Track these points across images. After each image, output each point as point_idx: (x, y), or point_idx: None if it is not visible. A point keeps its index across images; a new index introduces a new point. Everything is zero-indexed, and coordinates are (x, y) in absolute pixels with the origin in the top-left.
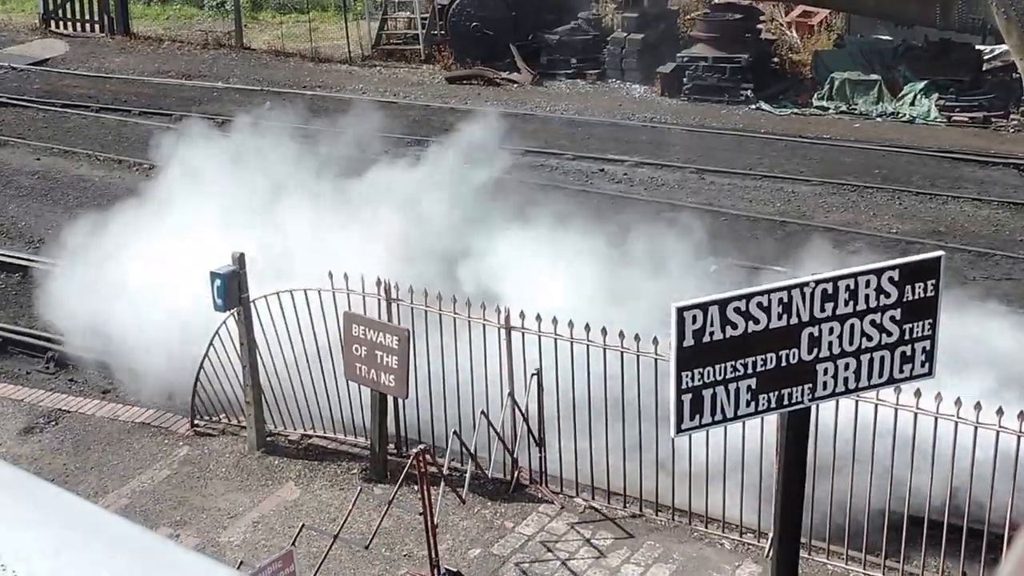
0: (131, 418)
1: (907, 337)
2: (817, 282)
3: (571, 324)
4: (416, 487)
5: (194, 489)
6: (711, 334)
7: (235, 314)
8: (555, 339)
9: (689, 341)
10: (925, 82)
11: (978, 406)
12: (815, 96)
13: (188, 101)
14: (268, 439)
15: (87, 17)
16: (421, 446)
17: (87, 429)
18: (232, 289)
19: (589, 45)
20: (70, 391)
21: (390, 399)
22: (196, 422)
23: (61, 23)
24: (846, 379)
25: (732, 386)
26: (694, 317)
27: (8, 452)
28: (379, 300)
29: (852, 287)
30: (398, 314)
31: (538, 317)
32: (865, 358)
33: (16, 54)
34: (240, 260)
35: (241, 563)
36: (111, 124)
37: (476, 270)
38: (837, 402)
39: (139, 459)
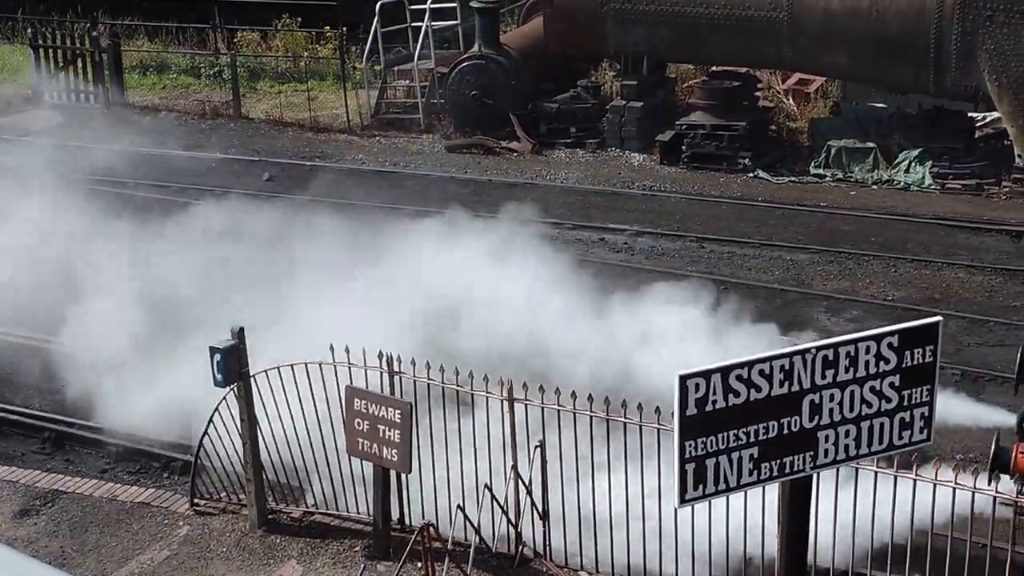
0: (130, 498)
1: (906, 404)
2: (818, 348)
3: (574, 395)
4: (420, 564)
5: (195, 570)
6: (714, 403)
7: (235, 389)
8: (558, 411)
9: (692, 410)
10: (919, 149)
11: None
12: (812, 164)
13: (185, 173)
14: (269, 517)
15: (81, 87)
16: (425, 522)
17: (84, 510)
18: (232, 364)
19: (588, 113)
20: (67, 471)
21: (392, 474)
22: (196, 501)
23: (55, 93)
24: (846, 446)
25: (735, 455)
26: (697, 385)
27: (3, 535)
28: (381, 373)
29: (852, 353)
30: (400, 387)
31: (540, 389)
32: (865, 425)
33: (7, 125)
34: (239, 335)
35: None
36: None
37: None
38: None
39: (138, 540)
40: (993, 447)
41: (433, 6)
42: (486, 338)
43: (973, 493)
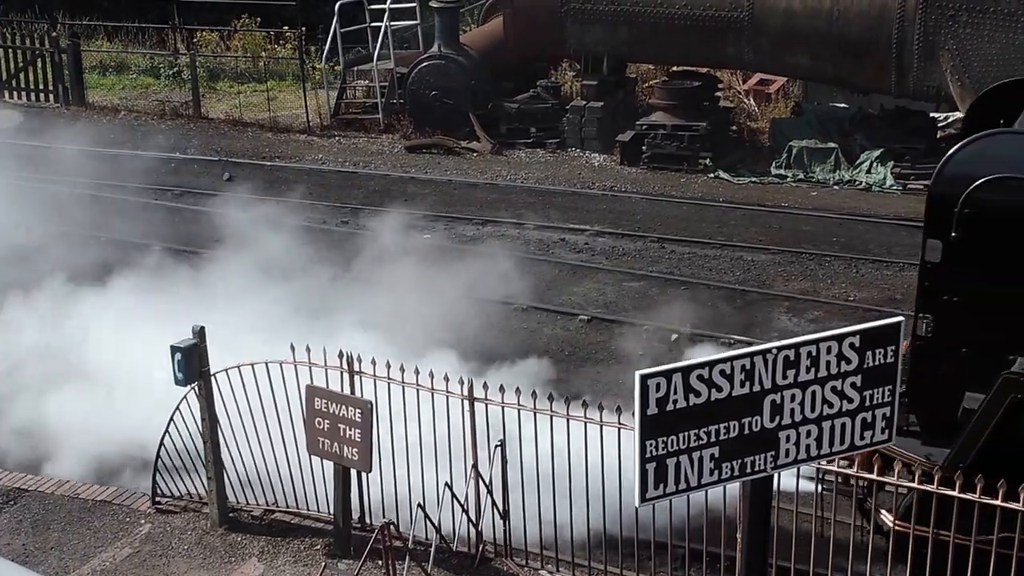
0: (91, 496)
1: (867, 404)
2: (779, 349)
3: (534, 394)
4: (381, 562)
5: (156, 568)
6: (674, 402)
7: (196, 388)
8: (518, 410)
9: (653, 409)
10: (881, 150)
11: None
12: (773, 164)
13: (145, 172)
14: (231, 515)
15: (42, 87)
16: (385, 520)
17: (46, 508)
18: (193, 363)
19: (548, 114)
20: (28, 469)
21: (353, 473)
22: (158, 499)
23: (15, 93)
24: (808, 446)
25: (696, 455)
26: (657, 385)
27: None
28: (341, 372)
29: (814, 353)
30: (360, 386)
31: (501, 388)
32: (826, 425)
33: None
34: (200, 334)
35: None
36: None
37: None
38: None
39: (100, 538)
40: None
41: (392, 6)
42: None
43: None
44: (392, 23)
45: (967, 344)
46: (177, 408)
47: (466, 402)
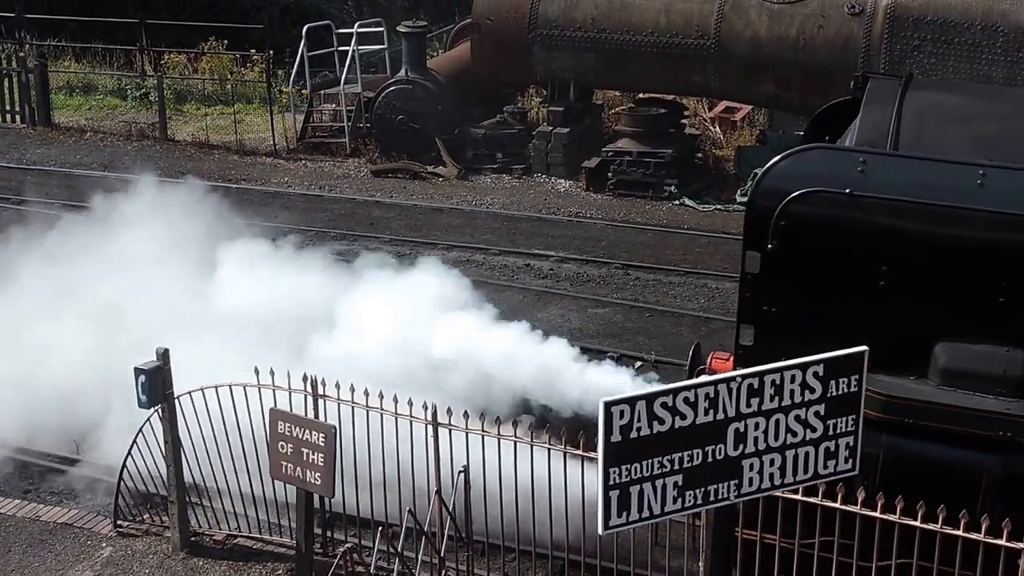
0: (53, 518)
1: (831, 433)
2: (743, 377)
3: (498, 421)
4: None
5: None
6: (638, 430)
7: (159, 411)
8: (482, 436)
9: (616, 436)
10: None
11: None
12: (738, 192)
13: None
14: (192, 539)
15: (7, 107)
16: (347, 545)
17: (7, 530)
18: (156, 385)
19: (515, 139)
20: None
21: (316, 497)
22: (119, 522)
23: None
24: (771, 475)
25: (659, 482)
26: (621, 412)
27: None
28: (305, 396)
29: (777, 382)
30: (324, 410)
31: (465, 414)
32: (790, 454)
33: None
34: (164, 356)
35: None
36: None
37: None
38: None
39: (61, 561)
40: (691, 354)
41: (360, 30)
42: None
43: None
44: (359, 47)
45: (787, 353)
46: (140, 431)
47: (430, 427)
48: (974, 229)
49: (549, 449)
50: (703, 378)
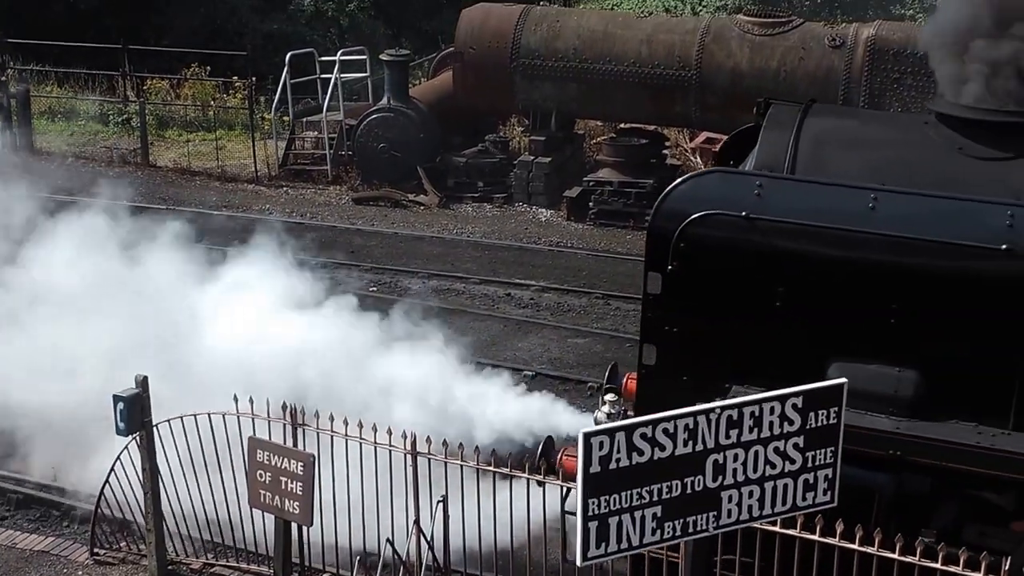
0: (29, 546)
1: (810, 465)
2: (722, 408)
3: (477, 451)
4: None
5: None
6: (618, 461)
7: (137, 438)
8: (461, 466)
9: (596, 467)
10: None
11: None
12: None
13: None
14: (169, 568)
15: None
16: (326, 575)
17: None
18: (135, 413)
19: (496, 168)
20: None
21: (294, 526)
22: (96, 550)
23: None
24: (750, 507)
25: (638, 513)
26: (601, 443)
27: None
28: (284, 425)
29: (757, 414)
30: (303, 439)
31: (444, 443)
32: (769, 485)
33: None
34: (143, 383)
35: None
36: None
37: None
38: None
39: None
40: (607, 374)
41: (343, 58)
42: None
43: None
44: (342, 75)
45: (687, 372)
46: (118, 458)
47: (409, 456)
48: (866, 251)
49: (528, 479)
50: (682, 409)
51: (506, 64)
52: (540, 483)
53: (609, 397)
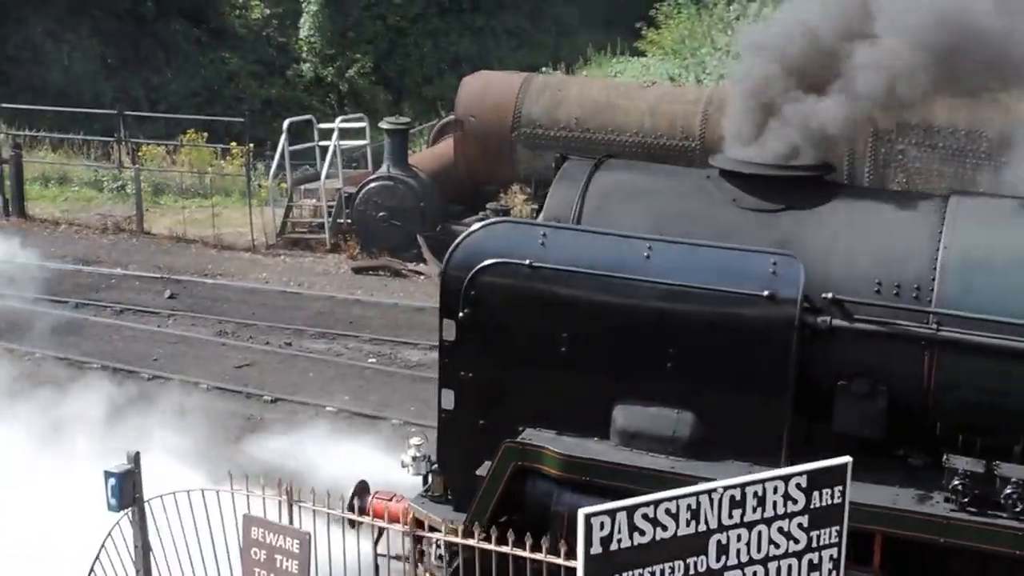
0: None
1: (814, 545)
2: (725, 488)
3: (478, 527)
4: None
5: None
6: (619, 541)
7: (129, 515)
8: (460, 545)
9: (596, 548)
10: None
11: None
12: None
13: (85, 288)
14: None
15: None
16: None
17: None
18: (127, 489)
19: None
20: None
21: None
22: None
23: None
24: None
25: None
26: (602, 524)
27: None
28: (280, 502)
29: (760, 493)
30: (299, 517)
31: (444, 522)
32: (772, 566)
33: None
34: (136, 459)
35: None
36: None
37: None
38: None
39: None
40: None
41: (342, 125)
42: None
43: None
44: (341, 142)
45: (483, 417)
46: (109, 535)
47: (407, 537)
48: (642, 298)
49: (528, 558)
50: (685, 488)
51: (507, 133)
52: (352, 523)
53: (414, 440)
